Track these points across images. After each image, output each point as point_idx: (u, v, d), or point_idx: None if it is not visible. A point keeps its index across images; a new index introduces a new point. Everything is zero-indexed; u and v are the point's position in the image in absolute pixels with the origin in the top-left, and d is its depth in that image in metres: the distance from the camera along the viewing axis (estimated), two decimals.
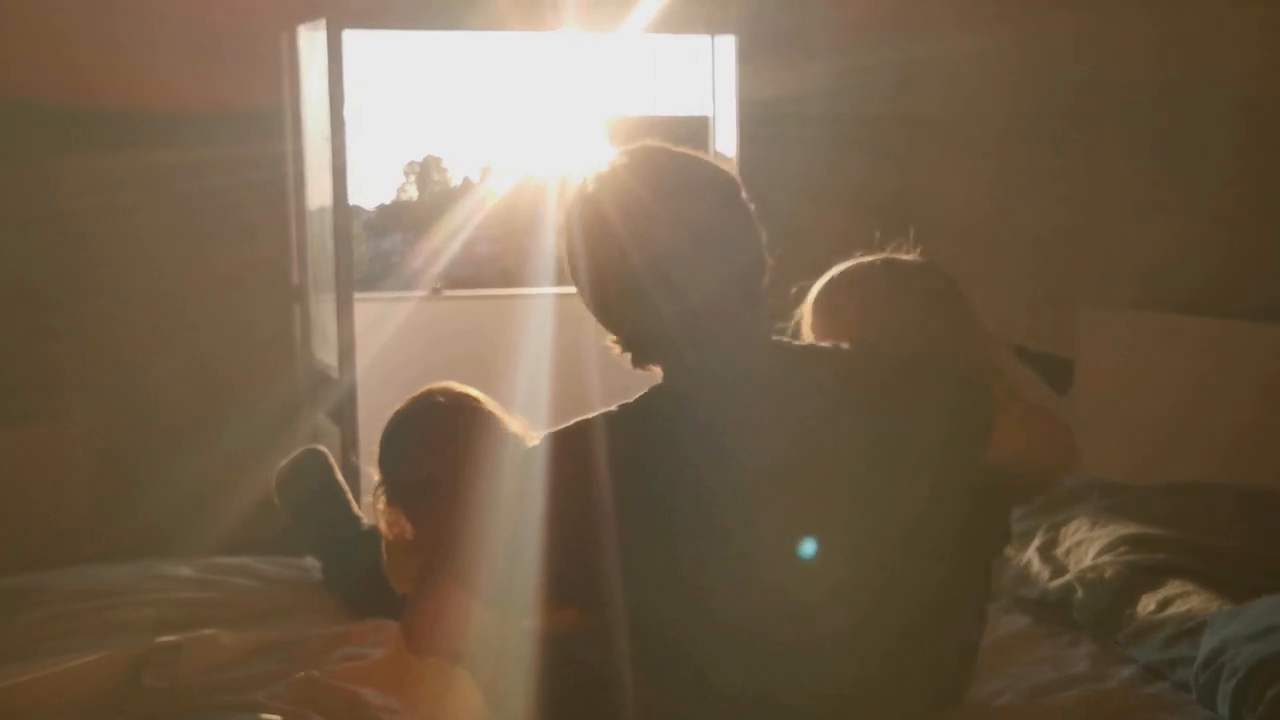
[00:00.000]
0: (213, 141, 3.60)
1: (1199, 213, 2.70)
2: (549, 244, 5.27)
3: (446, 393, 1.84)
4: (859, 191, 3.54)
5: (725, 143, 4.04)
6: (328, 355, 3.77)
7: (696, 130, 4.24)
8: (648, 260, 1.34)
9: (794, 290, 1.65)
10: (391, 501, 1.77)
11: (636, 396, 1.40)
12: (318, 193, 3.74)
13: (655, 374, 1.42)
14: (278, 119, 3.75)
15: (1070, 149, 3.25)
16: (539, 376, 3.90)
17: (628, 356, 1.42)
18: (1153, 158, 2.98)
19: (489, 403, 1.84)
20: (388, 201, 8.82)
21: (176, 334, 3.71)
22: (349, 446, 3.54)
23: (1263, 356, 2.33)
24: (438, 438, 1.77)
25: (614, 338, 1.42)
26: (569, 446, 1.37)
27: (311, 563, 2.34)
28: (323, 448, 2.43)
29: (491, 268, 7.62)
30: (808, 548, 1.31)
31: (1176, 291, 2.69)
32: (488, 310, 5.16)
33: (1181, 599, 1.89)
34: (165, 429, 3.69)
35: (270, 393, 3.83)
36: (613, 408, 1.41)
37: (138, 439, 3.67)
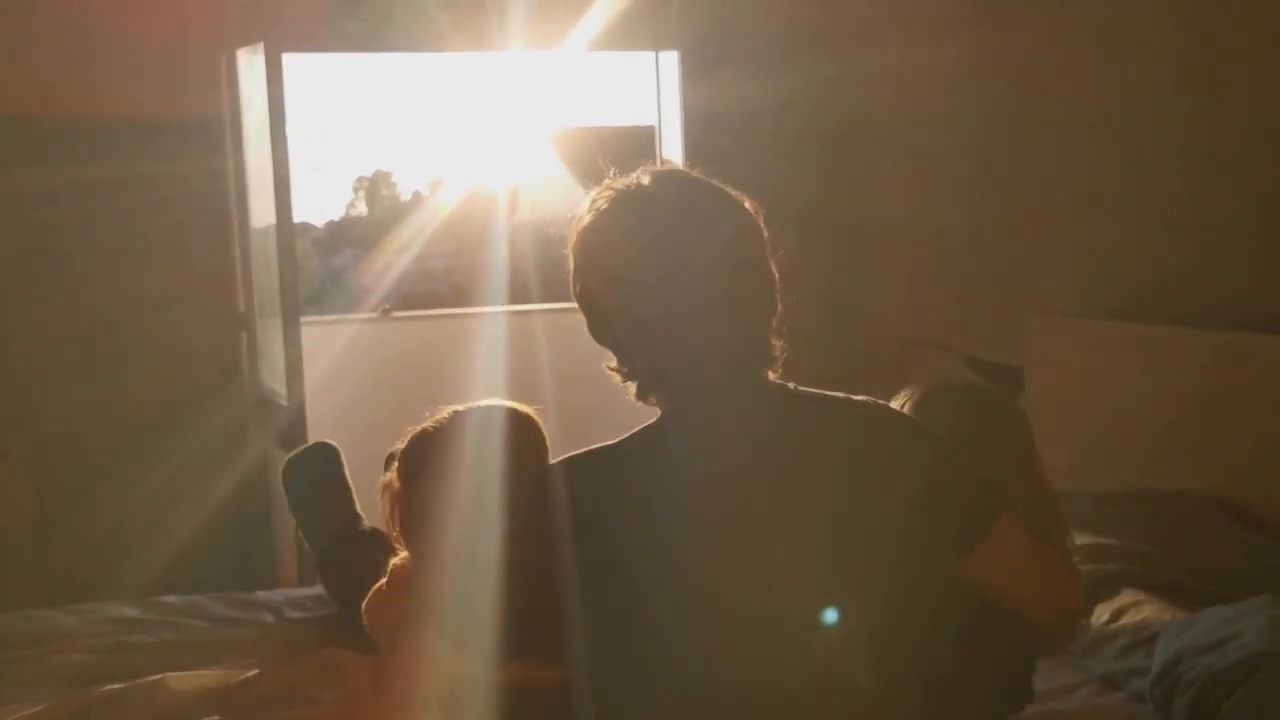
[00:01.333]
0: (150, 158, 3.51)
1: (1143, 220, 2.73)
2: (501, 258, 5.22)
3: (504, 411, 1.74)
4: (808, 203, 3.54)
5: (671, 154, 4.03)
6: (275, 381, 3.71)
7: (643, 141, 4.22)
8: (661, 300, 1.28)
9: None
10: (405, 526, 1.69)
11: (622, 437, 1.36)
12: (261, 211, 3.67)
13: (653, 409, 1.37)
14: (218, 136, 3.68)
15: (1016, 158, 3.27)
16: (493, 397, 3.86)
17: (630, 387, 1.36)
18: (1097, 166, 3.00)
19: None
20: (337, 218, 8.70)
21: (116, 362, 3.62)
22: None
23: (1210, 362, 2.35)
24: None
25: (615, 365, 1.36)
26: (528, 493, 1.35)
27: (264, 595, 2.31)
28: (334, 443, 2.39)
29: (445, 282, 7.55)
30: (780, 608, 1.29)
31: (1120, 299, 2.71)
32: (439, 330, 5.10)
33: (1135, 608, 1.91)
34: (105, 462, 3.60)
35: (216, 421, 3.76)
36: (588, 448, 1.38)
37: (77, 474, 3.57)
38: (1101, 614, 1.94)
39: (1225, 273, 2.46)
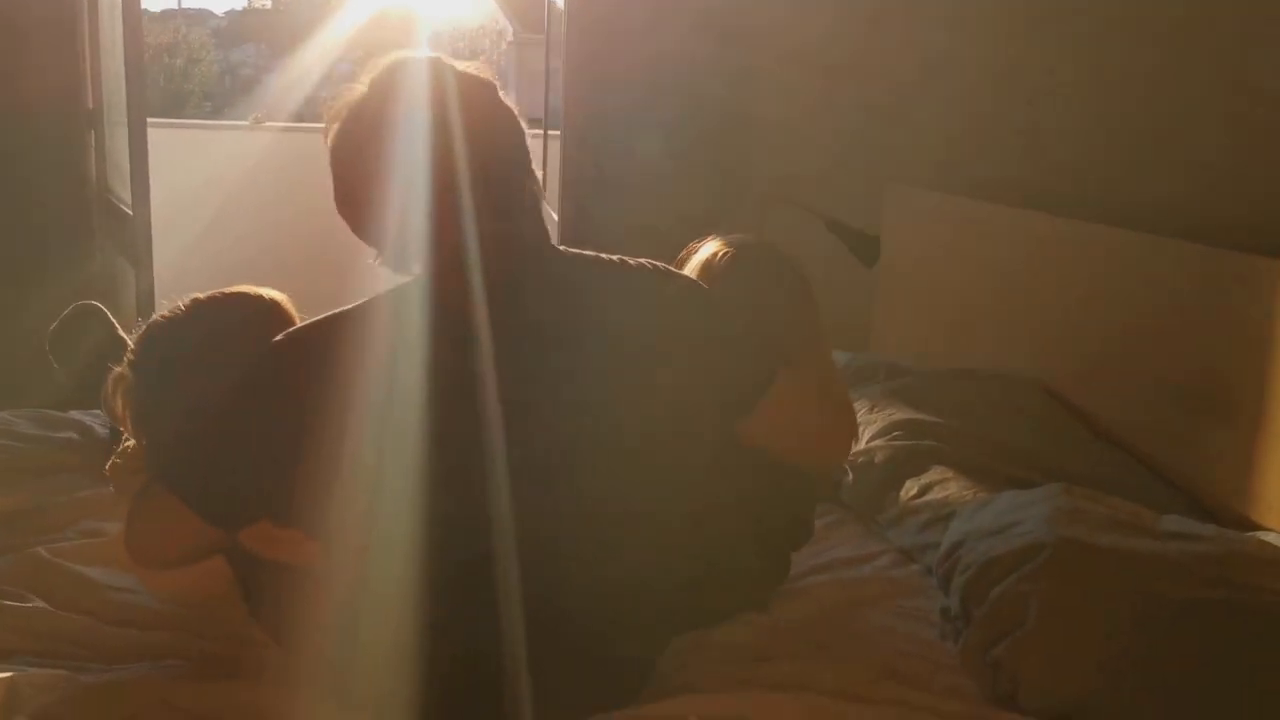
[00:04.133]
0: None
1: (1008, 99, 2.69)
2: None
3: (246, 300, 1.69)
4: (692, 75, 3.50)
5: None
6: (124, 188, 3.53)
7: None
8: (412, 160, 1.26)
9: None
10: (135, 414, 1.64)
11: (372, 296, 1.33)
12: None
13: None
14: None
15: (888, 30, 3.19)
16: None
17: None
18: (963, 40, 2.93)
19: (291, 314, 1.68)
20: (239, 7, 8.24)
21: None
22: (143, 290, 3.35)
23: (1065, 250, 2.36)
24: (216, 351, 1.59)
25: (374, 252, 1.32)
26: (281, 352, 1.31)
27: (77, 414, 2.23)
28: (96, 303, 2.28)
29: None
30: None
31: (982, 177, 2.69)
32: (307, 144, 4.90)
33: (940, 485, 1.95)
34: None
35: (61, 231, 3.59)
36: (344, 308, 1.33)
37: None
38: (910, 488, 1.98)
39: (1093, 160, 2.45)
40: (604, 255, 1.42)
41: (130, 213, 3.37)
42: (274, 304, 1.67)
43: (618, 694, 1.38)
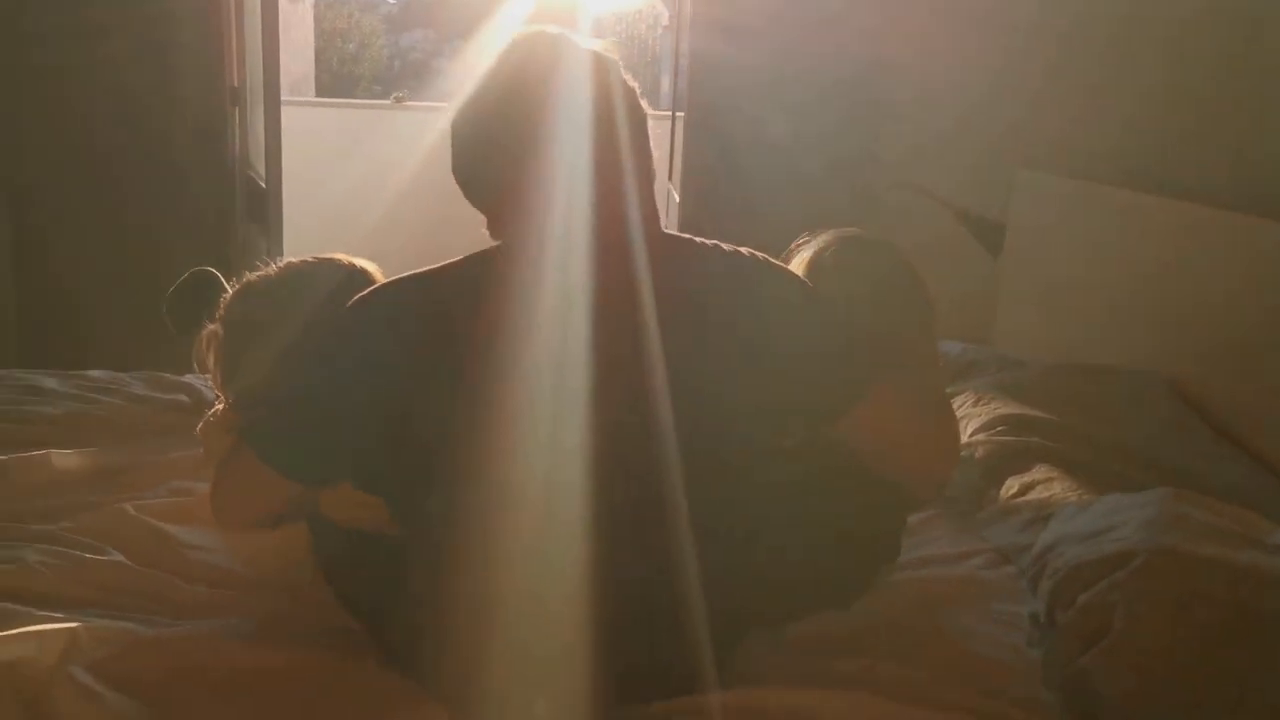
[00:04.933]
0: None
1: (1145, 87, 2.52)
2: None
3: (336, 266, 1.72)
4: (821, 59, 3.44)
5: None
6: (260, 161, 3.65)
7: None
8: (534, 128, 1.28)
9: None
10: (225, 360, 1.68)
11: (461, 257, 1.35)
12: None
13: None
14: None
15: (1020, 12, 3.04)
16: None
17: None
18: (1108, 26, 2.77)
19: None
20: None
21: (101, 128, 3.58)
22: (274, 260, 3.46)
23: (1201, 240, 2.19)
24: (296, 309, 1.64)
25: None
26: (353, 314, 1.32)
27: (192, 377, 2.30)
28: (212, 270, 2.35)
29: None
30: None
31: (1113, 165, 2.53)
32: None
33: (1044, 485, 1.84)
34: (88, 240, 3.60)
35: (206, 205, 3.73)
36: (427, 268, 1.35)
37: (58, 246, 3.58)
38: (1011, 486, 1.88)
39: (1239, 148, 2.27)
40: (706, 240, 1.39)
41: (263, 185, 3.48)
42: (363, 271, 1.70)
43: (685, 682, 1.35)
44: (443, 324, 1.29)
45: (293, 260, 1.75)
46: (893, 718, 1.32)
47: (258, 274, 1.73)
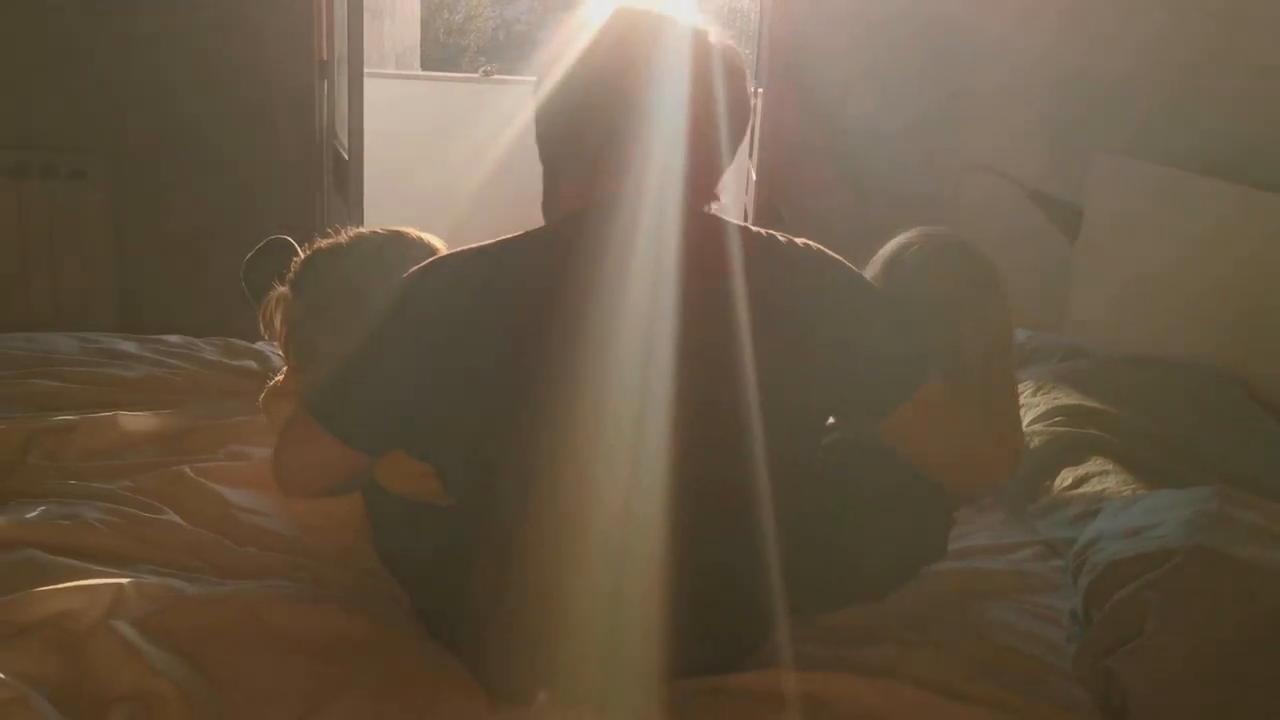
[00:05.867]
0: None
1: (1233, 72, 2.42)
2: None
3: (404, 240, 1.75)
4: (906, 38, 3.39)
5: None
6: (345, 133, 3.72)
7: None
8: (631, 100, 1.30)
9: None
10: (292, 325, 1.71)
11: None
12: None
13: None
14: None
15: None
16: None
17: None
18: (1197, 8, 2.67)
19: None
20: None
21: (195, 98, 3.68)
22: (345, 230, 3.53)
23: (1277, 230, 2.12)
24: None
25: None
26: (414, 284, 1.34)
27: (263, 344, 2.36)
28: (288, 238, 2.41)
29: None
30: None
31: (1197, 153, 2.45)
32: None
33: (1099, 478, 1.81)
34: (171, 200, 3.72)
35: (295, 175, 3.82)
36: (472, 247, 1.36)
37: (150, 201, 3.70)
38: (1065, 479, 1.85)
39: None
40: (761, 230, 1.39)
41: (346, 156, 3.55)
42: (430, 247, 1.72)
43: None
44: (514, 294, 1.30)
45: (362, 231, 1.79)
46: (918, 707, 1.31)
47: (327, 241, 1.77)
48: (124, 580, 1.32)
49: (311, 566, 1.52)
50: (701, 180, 1.36)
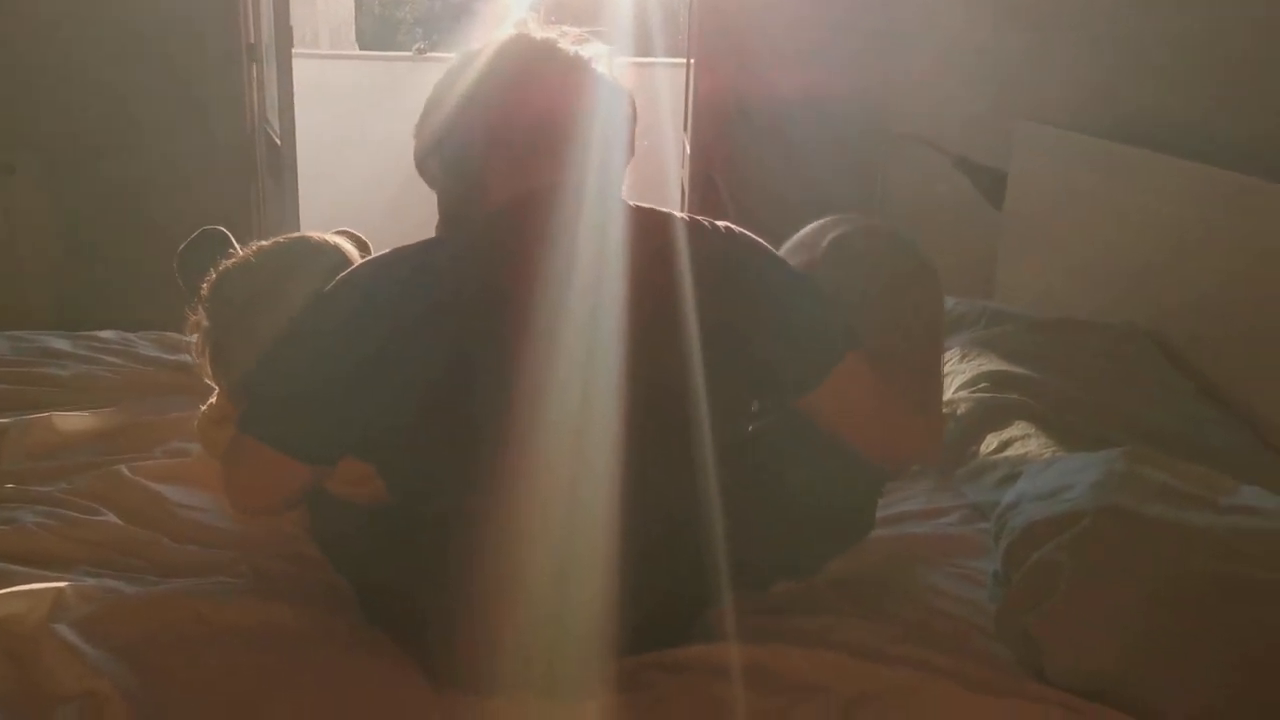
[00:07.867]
0: None
1: (1153, 42, 2.47)
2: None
3: (309, 244, 1.74)
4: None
5: None
6: (275, 116, 3.70)
7: None
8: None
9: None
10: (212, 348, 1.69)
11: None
12: None
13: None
14: None
15: None
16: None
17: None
18: None
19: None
20: None
21: (122, 89, 3.64)
22: (289, 215, 3.52)
23: (1199, 199, 2.17)
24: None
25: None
26: (346, 286, 1.35)
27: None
28: (221, 229, 2.39)
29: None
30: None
31: (1118, 119, 2.50)
32: None
33: (1021, 442, 1.86)
34: (106, 193, 3.68)
35: (227, 160, 3.79)
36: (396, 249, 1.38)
37: (86, 205, 3.66)
38: (990, 443, 1.90)
39: (1241, 110, 2.24)
40: (677, 213, 1.42)
41: (278, 140, 3.53)
42: (335, 248, 1.72)
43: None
44: (453, 283, 1.31)
45: (263, 243, 1.77)
46: (848, 672, 1.35)
47: (232, 261, 1.75)
48: (63, 584, 1.33)
49: (252, 560, 1.53)
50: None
